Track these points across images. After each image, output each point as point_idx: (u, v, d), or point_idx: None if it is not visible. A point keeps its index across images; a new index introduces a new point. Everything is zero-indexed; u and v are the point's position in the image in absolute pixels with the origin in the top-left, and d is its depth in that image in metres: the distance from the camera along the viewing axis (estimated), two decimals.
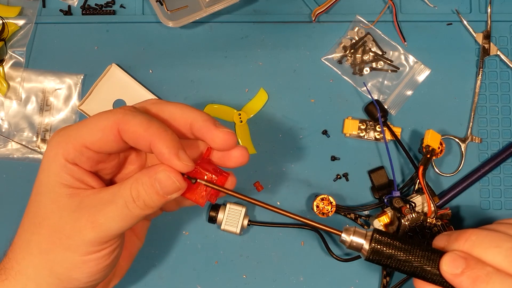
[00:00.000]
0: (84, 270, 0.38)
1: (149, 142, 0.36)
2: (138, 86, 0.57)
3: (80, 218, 0.37)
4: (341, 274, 0.55)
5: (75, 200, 0.38)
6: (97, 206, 0.37)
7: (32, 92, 0.58)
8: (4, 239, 0.56)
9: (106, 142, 0.37)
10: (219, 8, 0.55)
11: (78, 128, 0.38)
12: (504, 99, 0.57)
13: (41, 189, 0.39)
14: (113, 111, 0.38)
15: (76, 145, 0.37)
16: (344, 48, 0.58)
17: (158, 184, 0.37)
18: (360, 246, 0.39)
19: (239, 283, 0.56)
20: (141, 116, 0.37)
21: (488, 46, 0.57)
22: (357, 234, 0.40)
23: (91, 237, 0.37)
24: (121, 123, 0.37)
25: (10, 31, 0.57)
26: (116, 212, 0.37)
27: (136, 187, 0.37)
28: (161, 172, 0.37)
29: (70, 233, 0.37)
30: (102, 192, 0.38)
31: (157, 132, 0.36)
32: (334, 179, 0.57)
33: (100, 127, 0.37)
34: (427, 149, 0.53)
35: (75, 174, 0.38)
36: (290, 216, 0.40)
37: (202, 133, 0.38)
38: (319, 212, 0.54)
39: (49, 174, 0.38)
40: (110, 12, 0.59)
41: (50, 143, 0.39)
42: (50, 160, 0.38)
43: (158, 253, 0.56)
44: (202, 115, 0.39)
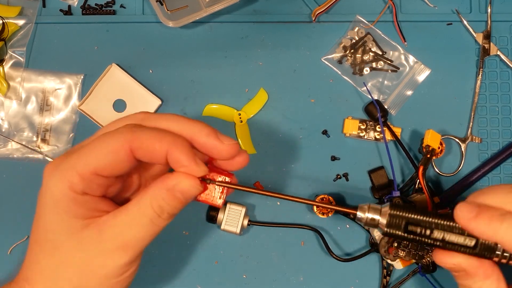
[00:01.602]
0: (120, 287, 0.39)
1: (165, 153, 0.36)
2: (138, 86, 0.57)
3: (108, 247, 0.37)
4: (341, 274, 0.55)
5: (94, 230, 0.37)
6: (122, 231, 0.37)
7: (32, 92, 0.58)
8: (4, 238, 0.56)
9: (118, 164, 0.36)
10: (219, 8, 0.55)
11: (83, 155, 0.37)
12: (504, 99, 0.57)
13: (53, 227, 0.37)
14: (118, 130, 0.37)
15: (85, 174, 0.36)
16: (344, 48, 0.58)
17: (180, 193, 0.37)
18: (377, 222, 0.40)
19: (239, 283, 0.56)
20: (149, 129, 0.37)
21: (488, 46, 0.57)
22: (372, 211, 0.40)
23: (125, 260, 0.37)
24: (133, 141, 0.36)
25: (10, 31, 0.57)
26: (144, 231, 0.37)
27: (157, 203, 0.37)
28: (184, 181, 0.37)
29: (102, 263, 0.37)
30: (120, 216, 0.37)
31: (172, 142, 0.36)
32: (334, 179, 0.57)
33: (110, 150, 0.36)
34: (427, 149, 0.53)
35: (87, 204, 0.37)
36: (307, 202, 0.41)
37: (207, 148, 0.38)
38: (319, 212, 0.54)
39: (58, 212, 0.37)
40: (110, 12, 0.59)
41: (50, 178, 0.37)
42: (55, 197, 0.37)
43: (158, 253, 0.56)
44: (202, 128, 0.38)
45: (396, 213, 0.40)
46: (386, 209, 0.40)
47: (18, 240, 0.56)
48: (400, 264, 0.52)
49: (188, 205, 0.57)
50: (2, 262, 0.56)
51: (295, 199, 0.40)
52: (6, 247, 0.56)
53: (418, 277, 0.55)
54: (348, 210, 0.41)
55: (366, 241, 0.56)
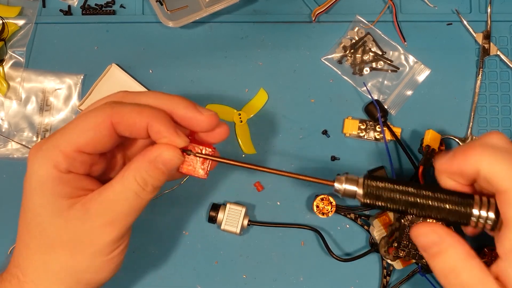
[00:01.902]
0: (110, 266, 0.39)
1: (145, 126, 0.36)
2: (138, 86, 0.57)
3: (96, 225, 0.37)
4: (341, 274, 0.55)
5: (80, 208, 0.37)
6: (108, 207, 0.37)
7: (32, 92, 0.58)
8: (4, 238, 0.56)
9: (100, 139, 0.37)
10: (219, 8, 0.55)
11: (65, 133, 0.37)
12: (504, 99, 0.57)
13: (39, 210, 0.37)
14: (98, 107, 0.37)
15: (68, 152, 0.36)
16: (344, 48, 0.58)
17: (162, 164, 0.37)
18: (354, 193, 0.40)
19: (239, 283, 0.56)
20: (129, 104, 0.37)
21: (488, 46, 0.57)
22: (349, 182, 0.40)
23: (113, 236, 0.37)
24: (114, 115, 0.37)
25: (10, 31, 0.57)
26: (130, 205, 0.37)
27: (140, 176, 0.37)
28: (165, 152, 0.37)
29: (90, 241, 0.37)
30: (105, 193, 0.37)
31: (152, 114, 0.37)
32: None
33: (91, 126, 0.37)
34: (427, 149, 0.53)
35: (72, 183, 0.37)
36: (281, 173, 0.41)
37: (186, 120, 0.38)
38: (319, 212, 0.54)
39: (44, 193, 0.37)
40: (110, 12, 0.59)
41: (34, 161, 0.37)
42: (40, 177, 0.37)
43: (158, 253, 0.56)
44: (181, 101, 0.38)
45: (372, 183, 0.39)
46: (362, 180, 0.40)
47: None
48: (400, 264, 0.52)
49: (188, 205, 0.57)
50: (2, 262, 0.56)
51: (272, 171, 0.40)
52: (6, 247, 0.56)
53: (418, 277, 0.55)
54: (325, 181, 0.40)
55: (366, 241, 0.56)
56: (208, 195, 0.57)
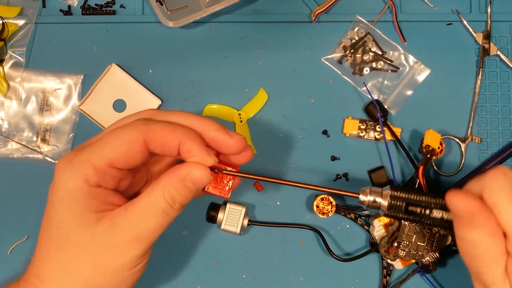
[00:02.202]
0: (130, 281, 0.39)
1: (178, 144, 0.37)
2: (138, 86, 0.57)
3: (122, 240, 0.37)
4: (341, 274, 0.55)
5: (107, 223, 0.37)
6: (135, 223, 0.37)
7: (32, 92, 0.58)
8: (4, 238, 0.56)
9: (132, 155, 0.37)
10: (219, 8, 0.55)
11: (97, 147, 0.37)
12: (504, 99, 0.57)
13: (66, 221, 0.37)
14: (131, 123, 0.38)
15: (100, 166, 0.37)
16: (344, 48, 0.58)
17: (192, 183, 0.38)
18: (378, 204, 0.42)
19: (239, 283, 0.56)
20: (162, 122, 0.38)
21: (488, 46, 0.57)
22: (374, 194, 0.42)
23: (139, 252, 0.38)
24: (148, 132, 0.37)
25: (10, 31, 0.57)
26: (157, 222, 0.38)
27: (169, 193, 0.37)
28: (195, 170, 0.37)
29: (115, 256, 0.37)
30: (131, 208, 0.38)
31: (185, 133, 0.37)
32: (334, 179, 0.57)
33: (124, 142, 0.37)
34: (427, 149, 0.53)
35: (100, 197, 0.38)
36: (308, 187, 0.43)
37: (216, 143, 0.39)
38: (319, 212, 0.54)
39: (71, 205, 0.37)
40: (110, 12, 0.59)
41: (63, 173, 0.37)
42: (69, 190, 0.37)
43: (158, 253, 0.56)
44: (212, 124, 0.39)
45: (397, 194, 0.41)
46: (387, 192, 0.42)
47: (18, 240, 0.56)
48: (400, 264, 0.52)
49: (188, 205, 0.57)
50: (2, 262, 0.56)
51: (299, 185, 0.42)
52: (6, 247, 0.56)
53: (418, 277, 0.55)
54: (350, 194, 0.42)
55: (366, 241, 0.56)
56: (208, 195, 0.56)
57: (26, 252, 0.55)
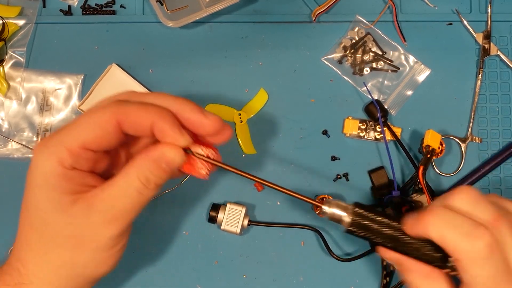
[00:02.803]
0: (110, 261, 0.39)
1: (150, 124, 0.37)
2: (138, 86, 0.57)
3: (98, 221, 0.37)
4: (341, 274, 0.55)
5: (83, 205, 0.37)
6: (111, 204, 0.37)
7: (32, 92, 0.58)
8: (4, 238, 0.56)
9: (106, 137, 0.37)
10: (219, 8, 0.55)
11: (70, 130, 0.37)
12: (504, 99, 0.57)
13: (42, 205, 0.38)
14: (104, 105, 0.38)
15: (74, 148, 0.37)
16: (344, 48, 0.58)
17: (165, 163, 0.38)
18: (340, 218, 0.41)
19: (239, 283, 0.56)
20: (135, 102, 0.38)
21: (488, 46, 0.57)
22: (338, 207, 0.41)
23: (115, 232, 0.38)
24: (120, 113, 0.37)
25: (10, 31, 0.57)
26: (133, 202, 0.38)
27: (143, 174, 0.38)
28: (168, 151, 0.38)
29: (92, 237, 0.38)
30: (107, 189, 0.38)
31: (157, 113, 0.37)
32: (334, 179, 0.57)
33: (97, 123, 0.37)
34: (427, 149, 0.53)
35: (76, 179, 0.38)
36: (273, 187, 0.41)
37: (191, 123, 0.39)
38: (319, 212, 0.54)
39: (48, 189, 0.37)
40: (110, 12, 0.59)
41: (39, 156, 0.37)
42: (45, 173, 0.37)
43: (158, 253, 0.56)
44: (187, 104, 0.39)
45: (360, 211, 0.41)
46: (352, 207, 0.41)
47: None
48: None
49: (188, 205, 0.57)
50: (2, 262, 0.55)
51: (274, 187, 0.41)
52: (6, 247, 0.56)
53: None
54: (314, 202, 0.42)
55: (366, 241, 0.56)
56: (208, 195, 0.57)
57: None
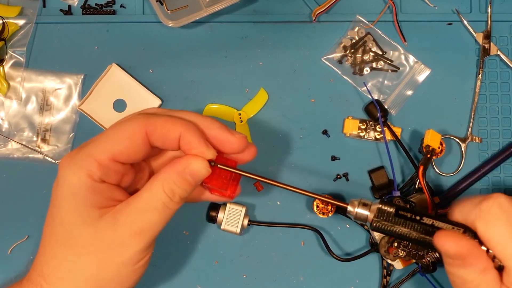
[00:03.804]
0: (135, 276, 0.40)
1: (178, 137, 0.37)
2: (138, 86, 0.57)
3: (125, 235, 0.37)
4: (341, 274, 0.55)
5: (110, 219, 0.37)
6: (137, 217, 0.38)
7: (32, 92, 0.58)
8: (4, 238, 0.56)
9: (135, 149, 0.38)
10: (219, 8, 0.55)
11: (100, 142, 0.38)
12: (504, 99, 0.57)
13: (69, 218, 0.37)
14: (134, 117, 0.38)
15: (103, 160, 0.37)
16: (344, 48, 0.58)
17: (190, 175, 0.38)
18: (365, 217, 0.42)
19: (239, 283, 0.56)
20: (163, 115, 0.39)
21: (488, 46, 0.57)
22: (362, 206, 0.42)
23: (142, 246, 0.38)
24: (148, 125, 0.37)
25: (10, 31, 0.57)
26: (159, 215, 0.38)
27: (168, 186, 0.38)
28: (193, 163, 0.38)
29: (119, 251, 0.38)
30: (133, 203, 0.38)
31: (185, 125, 0.38)
32: (334, 179, 0.57)
33: (127, 135, 0.37)
34: (427, 149, 0.53)
35: (104, 193, 0.38)
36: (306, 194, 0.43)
37: (218, 141, 0.40)
38: (319, 212, 0.54)
39: (75, 202, 0.37)
40: (110, 12, 0.59)
41: (67, 169, 0.37)
42: (73, 186, 0.37)
43: (158, 253, 0.56)
44: (213, 122, 0.40)
45: (385, 208, 0.41)
46: (375, 206, 0.42)
47: (18, 240, 0.56)
48: (400, 264, 0.52)
49: (188, 205, 0.57)
50: (2, 262, 0.56)
51: (297, 190, 0.42)
52: (6, 247, 0.56)
53: (418, 277, 0.55)
54: (340, 203, 0.42)
55: (366, 241, 0.56)
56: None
57: (27, 252, 0.55)
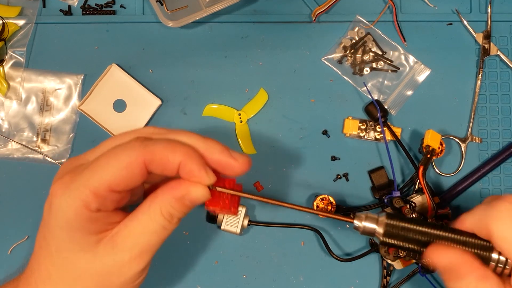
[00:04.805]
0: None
1: (178, 165, 0.36)
2: (138, 86, 0.57)
3: (125, 258, 0.37)
4: (341, 274, 0.55)
5: (108, 243, 0.37)
6: (136, 240, 0.37)
7: (32, 92, 0.58)
8: (5, 238, 0.56)
9: (132, 178, 0.36)
10: (219, 8, 0.55)
11: (95, 172, 0.36)
12: (504, 99, 0.57)
13: (66, 245, 0.37)
14: (130, 145, 0.37)
15: (99, 191, 0.35)
16: (344, 48, 0.58)
17: (189, 201, 0.37)
18: (373, 231, 0.41)
19: (239, 283, 0.56)
20: (161, 141, 0.37)
21: (488, 46, 0.57)
22: (369, 220, 0.41)
23: (141, 267, 0.38)
24: (146, 154, 0.36)
25: (10, 31, 0.57)
26: (158, 237, 0.38)
27: (166, 210, 0.37)
28: (193, 190, 0.37)
29: (119, 273, 0.38)
30: (131, 225, 0.37)
31: (185, 153, 0.36)
32: (334, 179, 0.57)
33: (123, 165, 0.36)
34: (427, 149, 0.53)
35: (101, 220, 0.37)
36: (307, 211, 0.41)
37: (220, 165, 0.38)
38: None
39: (72, 231, 0.36)
40: (110, 12, 0.59)
41: (61, 199, 0.36)
42: (69, 217, 0.36)
43: (158, 253, 0.56)
44: (215, 145, 0.38)
45: (393, 222, 0.40)
46: (383, 219, 0.40)
47: (18, 240, 0.56)
48: (400, 264, 0.52)
49: None
50: (2, 262, 0.56)
51: (296, 207, 0.41)
52: (6, 247, 0.56)
53: (418, 277, 0.55)
54: (345, 218, 0.41)
55: (366, 241, 0.56)
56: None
57: (26, 252, 0.55)
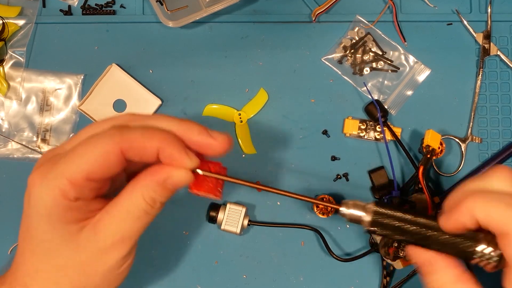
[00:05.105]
0: (120, 278, 0.39)
1: (156, 151, 0.36)
2: (138, 86, 0.57)
3: (107, 244, 0.37)
4: (341, 274, 0.55)
5: (90, 231, 0.37)
6: (118, 226, 0.37)
7: (32, 92, 0.58)
8: (5, 238, 0.56)
9: (109, 167, 0.36)
10: (219, 8, 0.55)
11: (72, 161, 0.36)
12: (504, 99, 0.57)
13: (47, 236, 0.37)
14: (106, 133, 0.36)
15: (77, 180, 0.35)
16: (344, 48, 0.58)
17: (171, 185, 0.37)
18: (359, 218, 0.40)
19: (239, 283, 0.56)
20: (138, 128, 0.36)
21: (488, 46, 0.57)
22: (356, 207, 0.40)
23: (124, 253, 0.38)
24: (123, 142, 0.35)
25: (10, 31, 0.57)
26: (140, 222, 0.38)
27: (149, 195, 0.37)
28: (175, 174, 0.37)
29: (102, 260, 0.37)
30: (112, 211, 0.37)
31: (163, 139, 0.36)
32: (334, 179, 0.57)
33: (100, 154, 0.35)
34: (427, 149, 0.53)
35: (81, 208, 0.37)
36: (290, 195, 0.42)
37: (200, 146, 0.38)
38: (319, 211, 0.54)
39: (52, 221, 0.36)
40: (110, 12, 0.59)
41: (39, 189, 0.36)
42: (48, 207, 0.36)
43: (158, 253, 0.56)
44: (193, 127, 0.38)
45: (380, 210, 0.40)
46: (371, 206, 0.40)
47: None
48: (400, 264, 0.52)
49: (188, 205, 0.57)
50: (2, 262, 0.56)
51: (282, 193, 0.41)
52: (6, 247, 0.56)
53: (418, 277, 0.55)
54: (332, 205, 0.41)
55: (366, 241, 0.56)
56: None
57: None
